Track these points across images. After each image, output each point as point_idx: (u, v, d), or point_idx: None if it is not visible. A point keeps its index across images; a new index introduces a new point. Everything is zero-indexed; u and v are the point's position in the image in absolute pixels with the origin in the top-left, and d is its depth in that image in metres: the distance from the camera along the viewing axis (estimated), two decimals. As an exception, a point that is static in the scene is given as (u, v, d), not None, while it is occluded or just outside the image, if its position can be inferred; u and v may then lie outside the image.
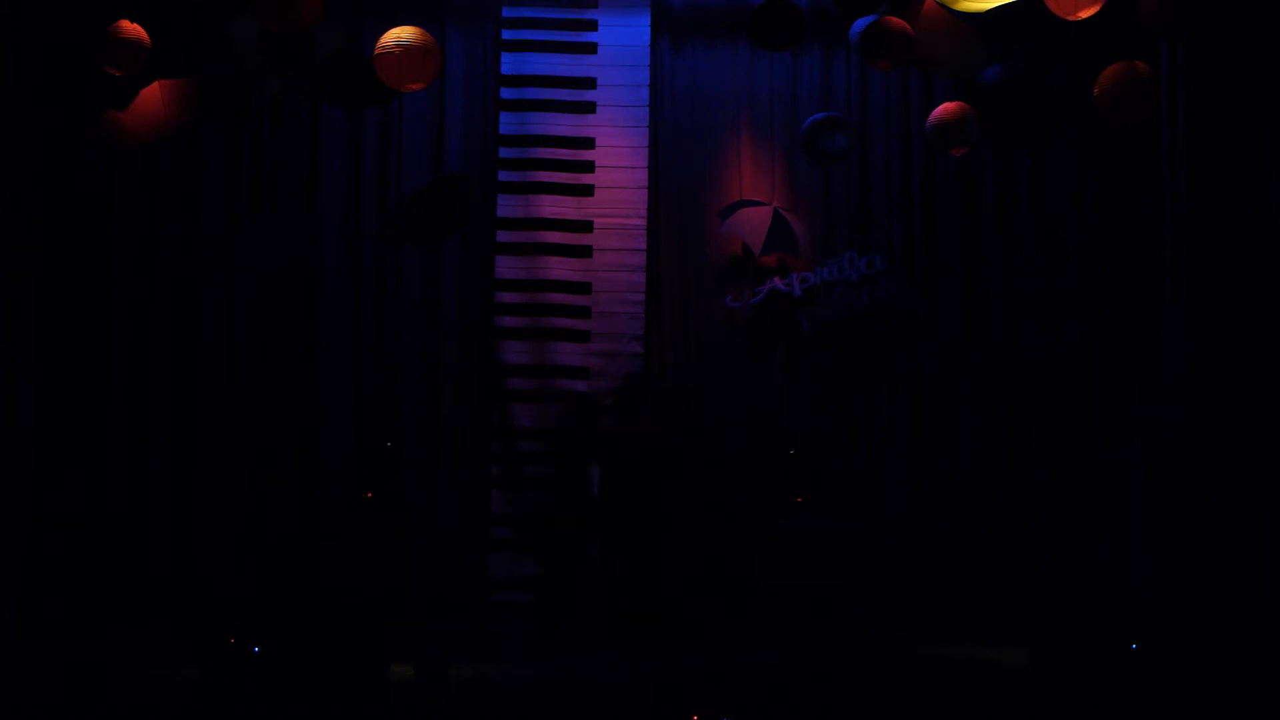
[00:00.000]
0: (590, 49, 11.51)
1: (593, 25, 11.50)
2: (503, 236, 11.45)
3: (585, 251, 11.45)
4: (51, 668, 8.63)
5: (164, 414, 11.04)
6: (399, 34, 9.55)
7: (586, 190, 11.48)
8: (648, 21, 11.45)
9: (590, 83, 11.51)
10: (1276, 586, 8.81)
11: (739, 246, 11.46)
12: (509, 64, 11.51)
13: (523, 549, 10.96)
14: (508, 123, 11.49)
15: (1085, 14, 8.92)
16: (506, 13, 11.49)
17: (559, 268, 11.43)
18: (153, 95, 9.78)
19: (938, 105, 10.24)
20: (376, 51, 9.47)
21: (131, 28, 9.22)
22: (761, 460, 11.11)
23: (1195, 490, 9.23)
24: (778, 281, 11.38)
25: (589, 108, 11.51)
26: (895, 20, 9.22)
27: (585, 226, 11.45)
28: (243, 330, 11.21)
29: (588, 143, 11.50)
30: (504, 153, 11.49)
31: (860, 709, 7.50)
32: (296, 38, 9.01)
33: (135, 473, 10.93)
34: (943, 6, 9.19)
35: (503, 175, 11.48)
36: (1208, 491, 9.16)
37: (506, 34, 11.51)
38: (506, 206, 11.47)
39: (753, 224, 11.27)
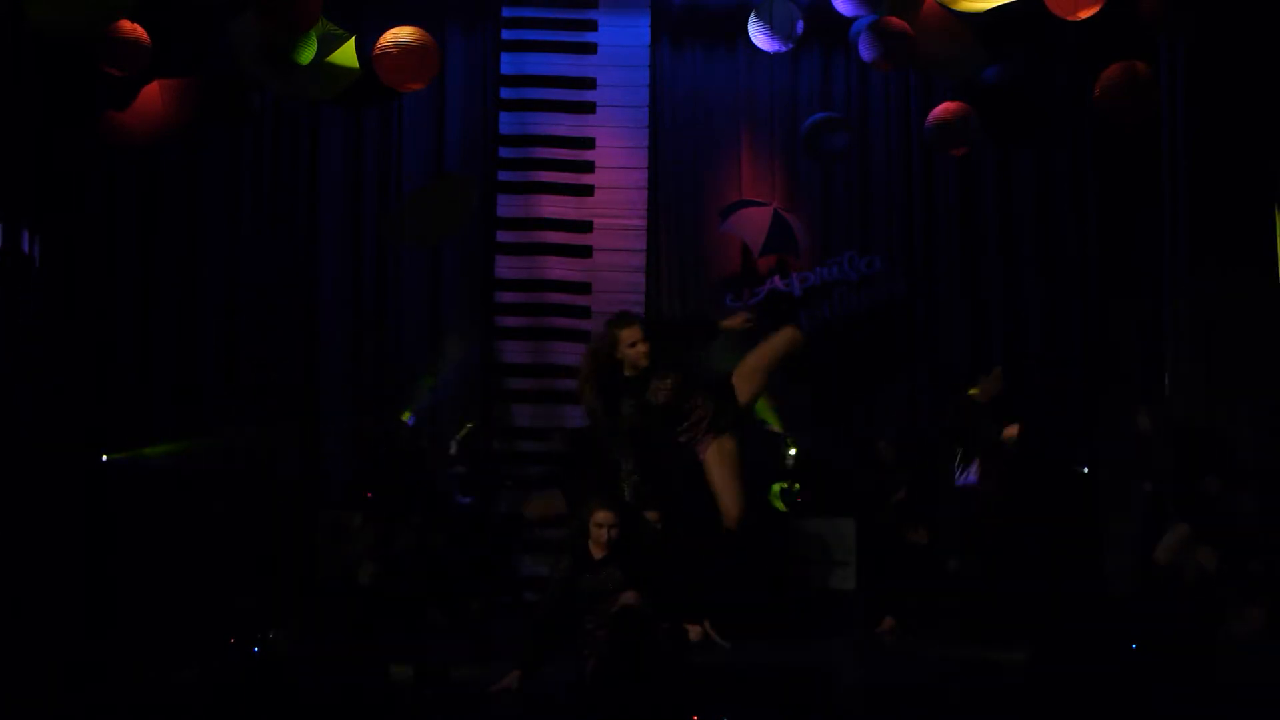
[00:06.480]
0: (590, 49, 11.51)
1: (593, 25, 11.50)
2: (503, 236, 11.45)
3: (585, 251, 11.44)
4: (52, 668, 8.62)
5: (165, 414, 11.05)
6: (398, 34, 9.57)
7: (586, 190, 11.48)
8: (648, 22, 11.45)
9: (590, 83, 11.50)
10: None
11: (739, 246, 11.46)
12: (509, 64, 11.50)
13: (524, 549, 10.95)
14: (508, 123, 11.49)
15: (1085, 14, 8.95)
16: (506, 13, 11.49)
17: (559, 268, 11.43)
18: (153, 95, 9.79)
19: (938, 105, 10.25)
20: (376, 51, 9.48)
21: (131, 28, 9.22)
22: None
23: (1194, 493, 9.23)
24: (778, 281, 11.39)
25: (589, 108, 11.51)
26: (895, 20, 9.24)
27: (585, 226, 11.45)
28: (243, 329, 11.21)
29: (588, 143, 11.49)
30: (504, 153, 11.49)
31: (859, 709, 7.49)
32: (295, 38, 9.01)
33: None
34: (943, 6, 9.21)
35: (503, 175, 11.49)
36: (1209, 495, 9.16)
37: (506, 34, 11.52)
38: (506, 206, 11.47)
39: (753, 224, 11.27)
